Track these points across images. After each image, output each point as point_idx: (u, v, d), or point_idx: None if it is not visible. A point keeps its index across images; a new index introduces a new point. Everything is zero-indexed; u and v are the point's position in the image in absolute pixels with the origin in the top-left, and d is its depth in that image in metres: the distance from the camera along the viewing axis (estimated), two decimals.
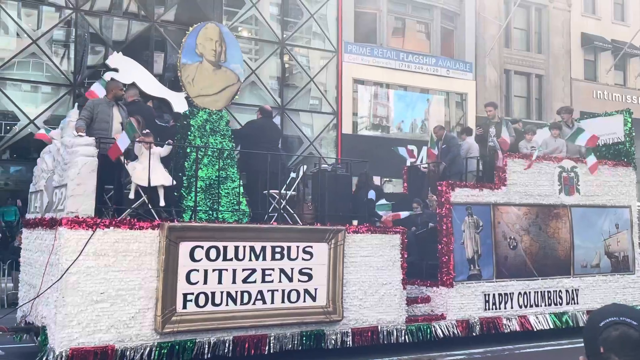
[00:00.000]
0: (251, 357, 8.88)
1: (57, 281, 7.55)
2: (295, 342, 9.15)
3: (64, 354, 7.47)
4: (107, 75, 15.61)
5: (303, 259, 9.26)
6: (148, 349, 8.01)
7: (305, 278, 9.28)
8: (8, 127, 18.40)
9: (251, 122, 10.33)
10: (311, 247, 9.33)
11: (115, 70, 16.27)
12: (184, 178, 9.47)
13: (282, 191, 9.59)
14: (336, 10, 23.42)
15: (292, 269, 9.16)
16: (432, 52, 26.08)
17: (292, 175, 9.90)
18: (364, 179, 11.28)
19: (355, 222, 10.07)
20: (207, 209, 9.26)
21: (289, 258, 9.15)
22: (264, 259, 8.94)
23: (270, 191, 9.57)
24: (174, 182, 8.89)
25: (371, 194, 10.73)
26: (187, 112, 9.96)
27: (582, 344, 2.07)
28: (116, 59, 15.04)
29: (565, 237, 12.43)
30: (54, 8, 19.10)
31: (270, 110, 10.80)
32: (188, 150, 9.52)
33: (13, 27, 18.50)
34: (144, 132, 8.69)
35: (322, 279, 9.39)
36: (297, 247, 9.22)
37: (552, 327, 11.75)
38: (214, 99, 9.87)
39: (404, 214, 10.56)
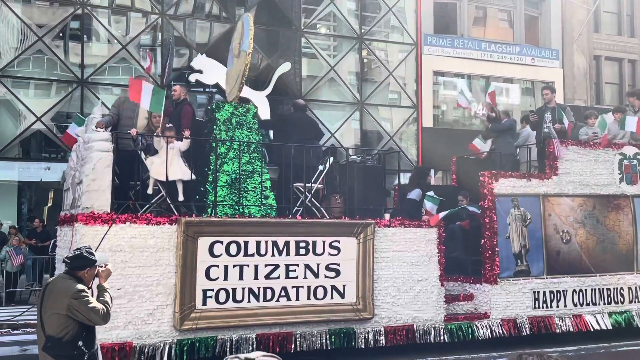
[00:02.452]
0: (290, 356, 8.60)
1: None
2: (324, 340, 8.82)
3: None
4: (193, 77, 16.06)
5: (330, 254, 8.91)
6: (167, 346, 7.90)
7: (333, 274, 8.92)
8: None
9: (282, 116, 10.04)
10: (338, 241, 8.96)
11: (200, 71, 16.64)
12: (209, 173, 9.31)
13: (307, 184, 9.25)
14: (415, 3, 23.04)
15: (318, 264, 8.83)
16: (516, 40, 25.13)
17: (320, 167, 9.54)
18: (415, 175, 10.73)
19: (387, 216, 9.62)
20: (233, 203, 9.04)
21: (315, 253, 8.82)
22: (288, 254, 8.65)
23: (295, 184, 9.27)
24: (193, 177, 8.73)
25: (414, 194, 10.18)
26: (213, 107, 9.80)
27: None
28: (200, 61, 16.47)
29: (627, 230, 11.47)
30: (141, 14, 19.94)
31: (303, 104, 10.48)
32: (214, 144, 9.34)
33: (104, 34, 19.39)
34: (167, 126, 8.59)
35: (351, 274, 9.00)
36: (324, 241, 8.88)
37: (610, 327, 10.85)
38: (230, 92, 9.66)
39: (442, 215, 9.96)
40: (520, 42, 25.03)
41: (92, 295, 4.89)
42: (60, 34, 18.85)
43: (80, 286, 4.76)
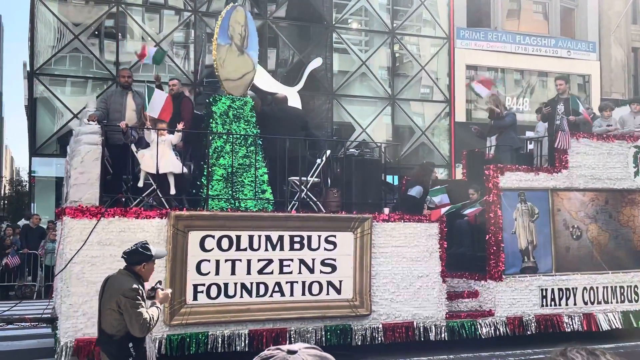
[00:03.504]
0: None
1: (61, 271, 7.50)
2: (319, 337, 8.64)
3: (69, 345, 7.41)
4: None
5: (326, 249, 8.72)
6: (157, 340, 7.79)
7: (329, 269, 8.73)
8: None
9: (263, 112, 9.83)
10: (334, 236, 8.77)
11: None
12: (205, 166, 9.18)
13: (303, 178, 9.06)
14: None
15: (313, 259, 8.65)
16: (551, 33, 24.65)
17: (318, 161, 9.34)
18: (418, 172, 10.45)
19: (386, 210, 9.38)
20: (228, 197, 8.90)
21: (310, 248, 8.64)
22: (282, 249, 8.49)
23: (291, 178, 9.09)
24: (185, 170, 8.62)
25: (414, 191, 9.92)
26: (210, 100, 9.67)
27: None
28: None
29: None
30: (174, 11, 20.23)
31: (283, 97, 10.27)
32: (210, 137, 9.22)
33: (138, 31, 19.73)
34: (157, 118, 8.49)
35: (348, 270, 8.80)
36: (319, 236, 8.69)
37: (622, 326, 10.45)
38: (237, 85, 9.49)
39: (445, 210, 9.68)
40: (555, 35, 24.54)
41: (144, 294, 4.83)
42: (96, 32, 19.32)
43: (135, 286, 4.70)
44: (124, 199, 8.26)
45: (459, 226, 11.46)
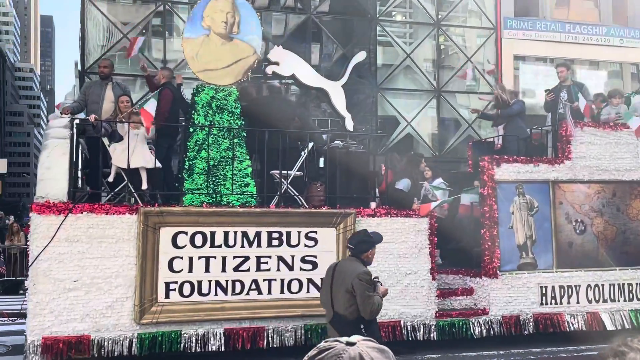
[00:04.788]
0: (254, 352, 8.21)
1: (28, 268, 7.37)
2: (299, 335, 8.35)
3: (36, 343, 7.28)
4: (269, 69, 16.79)
5: (306, 245, 8.42)
6: (127, 340, 7.62)
7: (309, 266, 8.42)
8: None
9: (255, 100, 9.53)
10: (315, 232, 8.45)
11: (276, 63, 17.28)
12: (185, 160, 8.95)
13: (285, 172, 8.75)
14: None
15: (292, 256, 8.35)
16: (603, 21, 23.83)
17: (302, 154, 9.02)
18: (406, 163, 10.04)
19: (373, 205, 9.01)
20: (210, 191, 8.63)
21: (289, 245, 8.34)
22: (259, 245, 8.21)
23: (271, 172, 8.79)
24: (158, 165, 8.39)
25: (402, 184, 9.52)
26: (193, 90, 9.43)
27: None
28: (277, 53, 16.83)
29: None
30: None
31: (278, 87, 9.96)
32: (190, 130, 8.98)
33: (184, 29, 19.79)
34: (134, 111, 8.28)
35: None
36: (299, 232, 8.39)
37: (629, 326, 9.87)
38: (221, 74, 9.21)
39: (435, 205, 9.25)
40: (607, 23, 23.66)
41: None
42: (144, 31, 19.54)
43: (367, 270, 5.40)
44: (95, 195, 8.08)
45: (459, 220, 11.03)
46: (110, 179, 8.11)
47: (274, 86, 10.01)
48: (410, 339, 8.84)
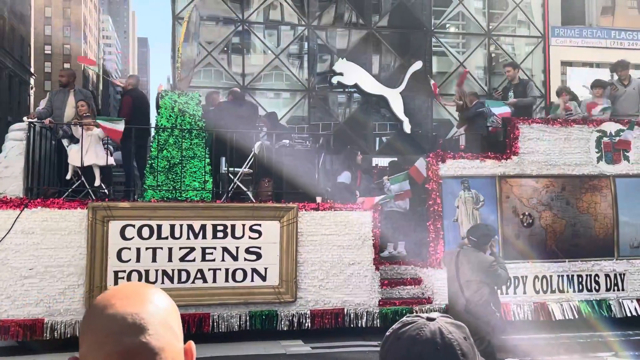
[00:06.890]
0: (207, 336, 8.78)
1: None
2: (243, 321, 8.91)
3: None
4: (334, 79, 18.28)
5: (250, 237, 8.98)
6: (79, 323, 8.30)
7: (253, 257, 8.98)
8: None
9: (220, 106, 10.16)
10: (260, 225, 9.01)
11: (341, 74, 19.37)
12: (148, 159, 9.62)
13: (234, 169, 9.34)
14: None
15: (237, 247, 8.92)
16: None
17: (252, 152, 9.58)
18: (344, 157, 10.55)
19: (319, 199, 9.52)
20: (170, 188, 9.27)
21: (234, 236, 8.92)
22: (204, 237, 8.81)
23: (223, 170, 9.39)
24: (111, 162, 9.07)
25: (343, 177, 10.00)
26: (158, 96, 10.09)
27: None
28: (341, 65, 19.52)
29: (605, 213, 10.64)
30: (289, 26, 22.61)
31: (241, 93, 10.58)
32: (153, 132, 9.65)
33: (260, 46, 22.23)
34: (86, 114, 8.98)
35: (273, 258, 9.02)
36: (243, 225, 8.96)
37: (577, 316, 10.14)
38: (182, 81, 9.91)
39: (379, 199, 9.71)
40: None
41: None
42: (225, 48, 21.77)
43: (491, 258, 6.18)
44: (57, 192, 8.80)
45: (420, 212, 11.45)
46: (68, 176, 8.81)
47: (236, 92, 10.63)
48: (352, 325, 9.32)
